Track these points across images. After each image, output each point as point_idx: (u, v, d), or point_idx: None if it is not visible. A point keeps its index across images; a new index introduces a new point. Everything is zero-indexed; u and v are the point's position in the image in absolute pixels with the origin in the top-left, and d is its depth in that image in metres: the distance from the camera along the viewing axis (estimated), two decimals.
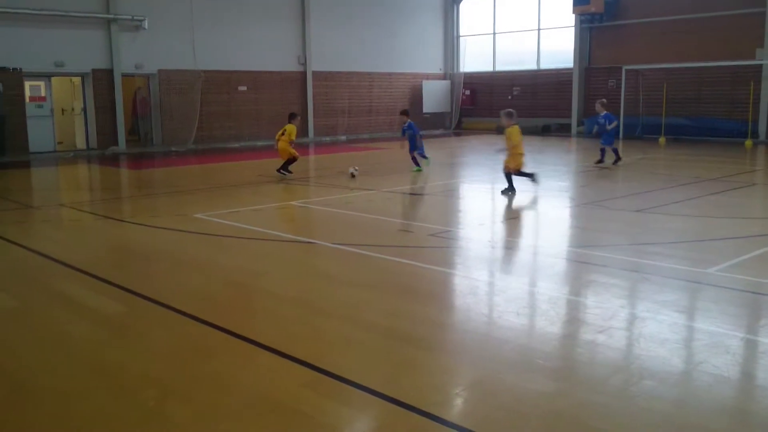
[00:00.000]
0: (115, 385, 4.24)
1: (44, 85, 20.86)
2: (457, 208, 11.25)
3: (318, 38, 26.02)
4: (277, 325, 5.31)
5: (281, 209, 10.71)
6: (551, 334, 5.05)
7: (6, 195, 12.87)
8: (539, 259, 7.53)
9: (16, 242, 8.40)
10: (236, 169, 16.96)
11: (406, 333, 5.04)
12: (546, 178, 14.32)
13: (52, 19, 19.82)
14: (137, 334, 5.26)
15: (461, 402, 4.01)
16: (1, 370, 4.49)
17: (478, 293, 6.26)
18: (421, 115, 29.76)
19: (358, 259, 7.38)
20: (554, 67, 27.86)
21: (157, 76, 22.35)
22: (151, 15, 21.53)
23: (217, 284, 6.59)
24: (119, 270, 7.28)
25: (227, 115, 24.17)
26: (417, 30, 29.49)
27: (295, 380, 4.24)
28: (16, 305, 5.95)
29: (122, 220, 9.83)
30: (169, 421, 3.74)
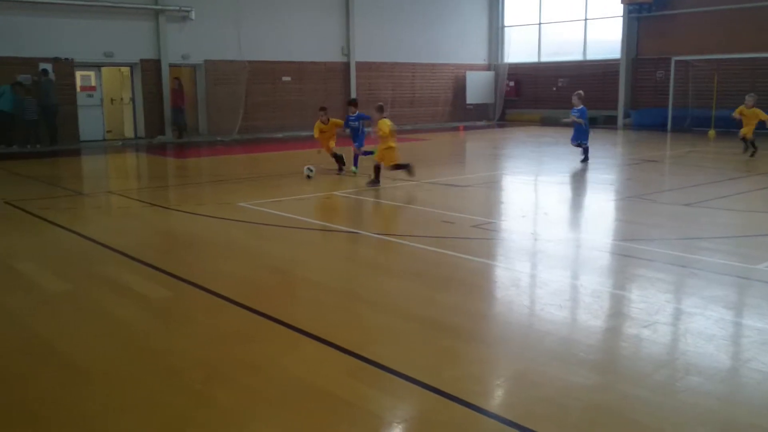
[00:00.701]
0: (163, 368, 4.34)
1: (94, 75, 21.35)
2: (499, 200, 11.18)
3: (362, 28, 26.04)
4: (319, 313, 5.36)
5: (324, 199, 10.79)
6: (594, 327, 5.00)
7: (58, 182, 13.24)
8: (583, 252, 7.44)
9: (68, 228, 8.64)
10: (280, 159, 17.12)
11: (447, 323, 5.05)
12: (591, 170, 14.13)
13: (102, 11, 20.24)
14: (183, 318, 5.37)
15: (503, 393, 4.00)
16: (55, 352, 4.64)
17: (520, 285, 6.23)
18: (464, 106, 29.62)
19: (400, 249, 7.40)
20: (600, 57, 27.39)
21: (203, 67, 22.67)
22: (198, 6, 21.82)
23: (260, 272, 6.69)
24: (166, 256, 7.43)
25: (271, 106, 24.39)
26: (461, 20, 29.29)
27: (337, 368, 4.29)
28: (68, 289, 6.13)
29: (169, 207, 10.02)
30: (216, 405, 3.82)
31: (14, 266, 6.84)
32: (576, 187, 12.47)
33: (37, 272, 6.64)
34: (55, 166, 16.09)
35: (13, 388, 4.06)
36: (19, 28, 19.00)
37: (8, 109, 18.58)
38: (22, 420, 3.68)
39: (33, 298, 5.85)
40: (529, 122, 28.52)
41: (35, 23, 19.25)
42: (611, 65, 26.69)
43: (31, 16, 19.14)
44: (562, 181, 12.78)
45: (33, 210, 9.76)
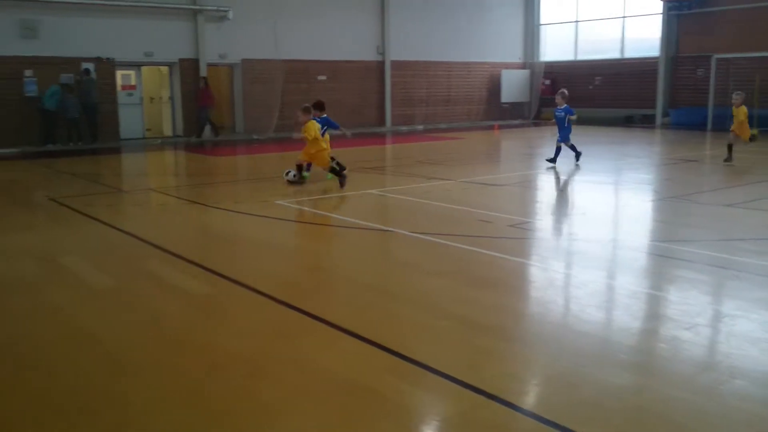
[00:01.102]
0: (205, 362, 4.43)
1: (134, 74, 21.74)
2: (535, 199, 11.12)
3: (397, 28, 26.08)
4: (357, 311, 5.41)
5: (360, 197, 10.84)
6: (634, 328, 4.96)
7: (99, 179, 13.51)
8: (621, 253, 7.37)
9: (110, 224, 8.83)
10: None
11: (485, 322, 5.05)
12: (629, 170, 13.98)
13: (142, 11, 20.60)
14: (223, 314, 5.46)
15: (543, 393, 4.00)
16: (101, 346, 4.75)
17: (557, 285, 6.19)
18: (499, 104, 29.47)
19: (436, 248, 7.42)
20: (639, 55, 27.01)
21: (240, 66, 22.92)
22: (236, 6, 22.07)
23: (298, 269, 6.76)
24: (205, 252, 7.55)
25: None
26: (497, 19, 29.14)
27: (375, 364, 4.33)
28: (112, 283, 6.27)
29: (207, 204, 10.17)
30: (258, 400, 3.88)
31: (60, 261, 7.01)
32: (614, 186, 12.33)
33: (82, 267, 6.80)
34: (96, 164, 16.43)
35: (61, 380, 4.18)
36: (63, 29, 19.43)
37: (53, 108, 19.01)
38: (71, 410, 3.79)
39: (78, 293, 6.00)
40: None
41: (78, 24, 19.66)
42: (649, 63, 26.31)
43: (74, 17, 19.56)
44: (599, 180, 12.65)
45: (76, 206, 9.98)
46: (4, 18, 18.61)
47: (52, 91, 18.89)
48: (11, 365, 4.44)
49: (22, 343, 4.83)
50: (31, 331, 5.08)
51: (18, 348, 4.75)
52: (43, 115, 18.99)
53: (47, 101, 18.85)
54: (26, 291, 6.07)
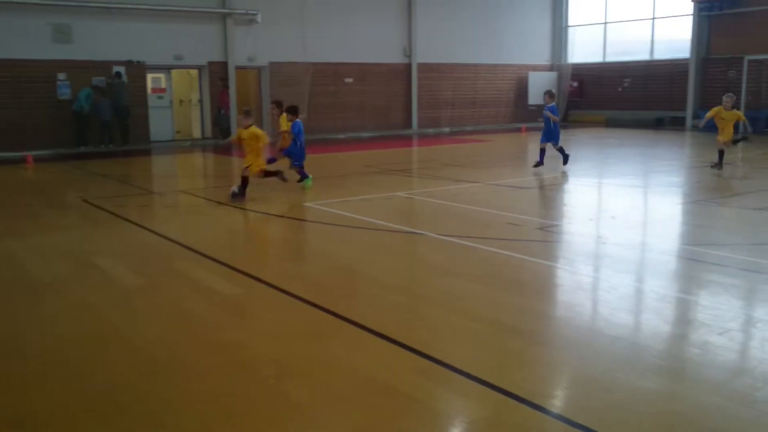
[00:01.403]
0: (235, 362, 4.47)
1: (164, 77, 22.01)
2: (564, 202, 11.04)
3: (423, 30, 26.07)
4: (386, 313, 5.42)
5: (388, 200, 10.86)
6: (665, 333, 4.91)
7: (130, 181, 13.71)
8: (651, 257, 7.29)
9: (142, 225, 8.95)
10: (343, 159, 17.30)
11: (514, 325, 5.03)
12: (659, 173, 13.82)
13: (172, 15, 20.84)
14: (253, 314, 5.51)
15: (574, 397, 3.97)
16: (133, 345, 4.82)
17: (587, 289, 6.15)
18: (526, 107, 29.31)
19: (465, 250, 7.40)
20: (669, 57, 26.69)
21: (268, 69, 23.09)
22: (264, 9, 22.23)
23: (327, 270, 6.79)
24: (235, 253, 7.62)
25: (334, 107, 24.65)
26: (524, 20, 29.00)
27: (404, 366, 4.33)
28: (143, 284, 6.36)
29: (236, 206, 10.26)
30: (288, 400, 3.92)
31: (93, 261, 7.13)
32: (643, 189, 12.20)
33: (115, 267, 6.90)
34: (127, 166, 16.67)
35: (95, 377, 4.25)
36: (95, 33, 19.73)
37: (86, 111, 19.31)
38: (105, 407, 3.85)
39: (110, 292, 6.09)
40: (593, 123, 28.00)
41: (110, 28, 19.95)
42: (680, 65, 25.98)
43: (105, 21, 19.86)
44: (628, 183, 12.53)
45: (109, 207, 10.14)
46: (39, 22, 18.95)
47: (86, 93, 19.19)
48: (44, 362, 4.52)
49: (56, 341, 4.92)
50: (64, 329, 5.18)
51: (51, 346, 4.84)
52: (76, 117, 19.30)
53: (83, 103, 19.15)
54: (60, 290, 6.18)
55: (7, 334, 5.11)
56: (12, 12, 18.53)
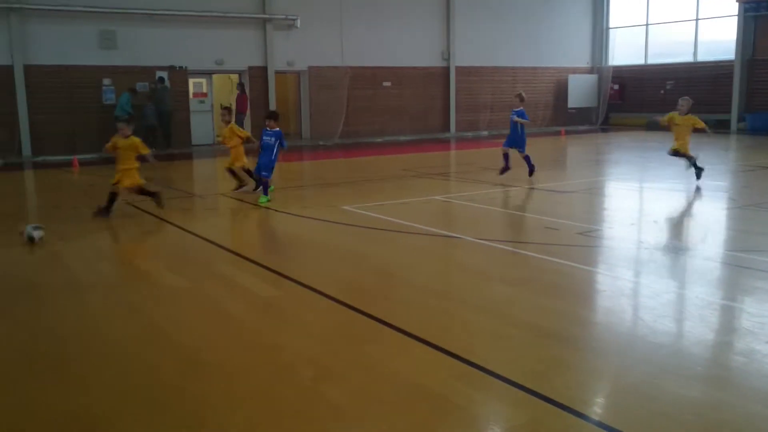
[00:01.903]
0: (275, 363, 4.51)
1: (206, 82, 22.37)
2: (604, 207, 10.89)
3: (462, 33, 26.00)
4: (425, 317, 5.40)
5: (425, 203, 10.85)
6: (711, 341, 4.80)
7: (172, 184, 13.93)
8: (696, 263, 7.14)
9: (183, 227, 9.09)
10: (381, 163, 17.33)
11: (555, 331, 4.98)
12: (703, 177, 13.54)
13: (213, 20, 21.16)
14: (292, 316, 5.55)
15: (615, 404, 3.91)
16: (175, 345, 4.90)
17: (630, 295, 6.05)
18: (566, 110, 29.01)
19: (503, 255, 7.35)
20: (713, 59, 26.15)
21: (307, 73, 23.27)
22: (303, 14, 22.43)
23: (365, 273, 6.81)
24: (274, 256, 7.69)
25: (372, 111, 24.73)
26: (564, 23, 28.72)
27: (444, 371, 4.32)
28: (185, 285, 6.46)
29: (275, 209, 10.36)
30: (326, 402, 3.93)
31: (136, 263, 7.27)
32: (686, 194, 11.96)
33: (157, 269, 7.03)
34: (169, 169, 16.94)
35: (141, 377, 4.33)
36: (139, 39, 20.15)
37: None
38: (147, 406, 3.92)
39: (154, 294, 6.20)
40: (634, 126, 27.56)
41: (153, 34, 20.35)
42: (724, 67, 25.43)
43: (149, 28, 20.26)
44: (670, 187, 12.29)
45: (151, 210, 10.31)
46: (87, 29, 19.43)
47: (126, 98, 19.51)
48: (91, 361, 4.62)
49: (102, 340, 5.02)
50: (109, 328, 5.28)
51: (97, 344, 4.94)
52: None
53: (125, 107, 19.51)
54: (104, 290, 6.31)
55: (57, 334, 5.23)
56: (62, 19, 19.06)
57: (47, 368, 4.53)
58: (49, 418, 3.80)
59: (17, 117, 18.68)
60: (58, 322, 5.47)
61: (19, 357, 4.76)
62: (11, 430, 3.69)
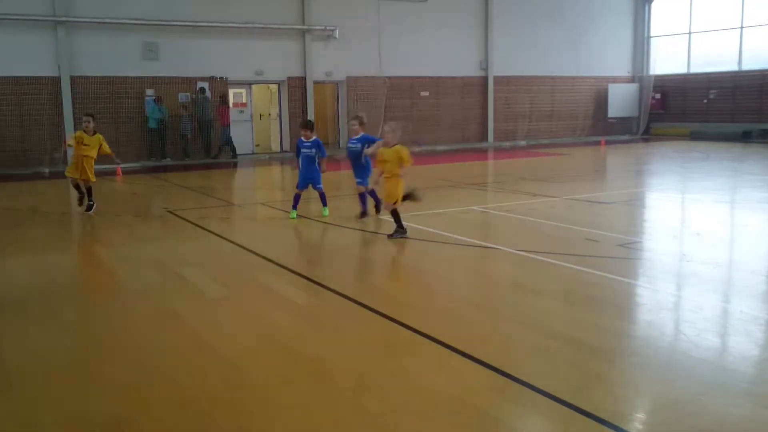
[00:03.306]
0: (315, 373, 4.55)
1: (245, 92, 22.68)
2: (644, 218, 10.74)
3: (500, 43, 25.93)
4: (463, 328, 5.40)
5: (463, 214, 10.83)
6: (757, 356, 4.71)
7: (212, 193, 14.16)
8: (740, 276, 7.00)
9: (223, 236, 9.23)
10: (418, 173, 17.32)
11: (594, 344, 4.93)
12: (748, 188, 13.26)
13: (254, 32, 21.46)
14: (332, 326, 5.59)
15: (656, 420, 3.86)
16: (217, 353, 4.98)
17: (671, 309, 5.96)
18: (606, 119, 28.68)
19: (542, 266, 7.30)
20: (758, 68, 25.60)
21: (345, 83, 23.45)
22: (342, 25, 22.62)
23: (403, 284, 6.83)
24: (312, 265, 7.76)
25: (409, 120, 24.77)
26: (604, 32, 28.43)
27: (482, 383, 4.31)
28: (227, 294, 6.56)
29: (314, 219, 10.45)
30: (365, 413, 3.96)
31: (179, 272, 7.40)
32: (730, 205, 11.73)
33: (199, 277, 7.14)
34: (209, 178, 17.22)
35: (182, 384, 4.41)
36: (181, 50, 20.55)
37: (158, 124, 20.03)
38: (191, 414, 3.99)
39: (196, 302, 6.31)
40: (676, 136, 27.13)
41: (194, 45, 20.73)
42: None
43: (190, 39, 20.65)
44: (714, 199, 12.06)
45: (192, 219, 10.50)
46: (131, 41, 19.89)
47: (151, 107, 19.91)
48: (135, 368, 4.72)
49: (145, 348, 5.13)
50: (153, 336, 5.40)
51: (141, 352, 5.05)
52: (150, 132, 20.11)
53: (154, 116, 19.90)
54: (148, 298, 6.45)
55: (101, 340, 5.37)
56: (107, 31, 19.55)
57: (92, 374, 4.64)
58: (90, 423, 3.89)
59: (63, 128, 19.17)
60: (103, 329, 5.60)
61: (62, 360, 4.88)
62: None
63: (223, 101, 21.17)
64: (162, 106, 20.00)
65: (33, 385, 4.42)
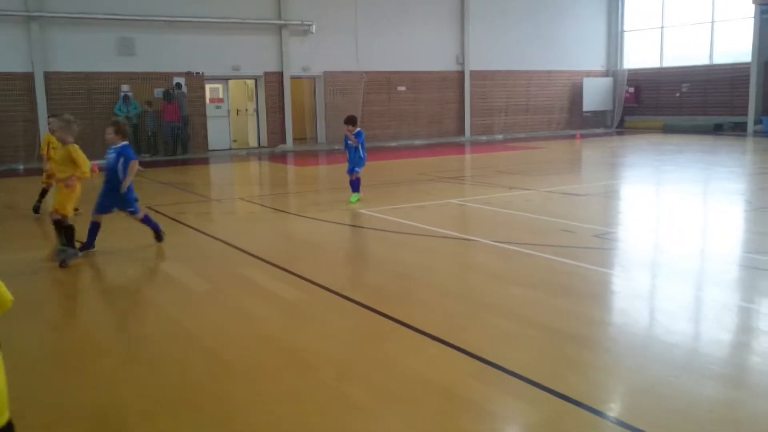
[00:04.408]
0: (299, 363, 4.63)
1: (222, 87, 22.62)
2: (619, 209, 10.95)
3: (476, 38, 26.10)
4: (442, 317, 5.52)
5: (442, 207, 10.95)
6: (725, 341, 4.87)
7: (191, 189, 14.14)
8: (711, 265, 7.20)
9: (203, 231, 9.26)
10: (396, 167, 17.44)
11: (570, 331, 5.07)
12: (719, 179, 13.55)
13: (230, 27, 21.40)
14: (313, 318, 5.67)
15: (631, 402, 4.00)
16: (202, 345, 5.04)
17: (645, 296, 6.13)
18: (581, 113, 29.01)
19: (519, 257, 7.45)
20: (729, 61, 26.05)
21: (322, 78, 23.46)
22: (319, 20, 22.64)
23: (384, 276, 6.93)
24: (293, 258, 7.82)
25: (386, 115, 24.89)
26: (578, 26, 28.73)
27: (462, 369, 4.43)
28: (209, 288, 6.60)
29: (293, 213, 10.50)
30: (349, 400, 4.05)
31: (160, 267, 7.43)
32: (702, 197, 11.99)
33: (181, 272, 7.18)
34: (187, 174, 17.17)
35: (168, 376, 4.47)
36: (157, 46, 20.44)
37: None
38: (178, 405, 4.06)
39: (180, 296, 6.36)
40: (649, 129, 27.53)
41: (170, 40, 20.62)
42: (741, 69, 25.34)
43: (166, 34, 20.54)
44: (686, 190, 12.32)
45: (171, 214, 10.50)
46: (106, 36, 19.74)
47: (117, 106, 19.75)
48: (121, 361, 4.77)
49: (130, 341, 5.18)
50: (137, 330, 5.44)
51: (127, 346, 5.10)
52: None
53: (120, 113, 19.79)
54: (131, 292, 6.49)
55: (84, 333, 5.40)
56: (82, 27, 19.38)
57: (78, 367, 4.69)
58: (81, 415, 3.95)
59: (37, 124, 18.99)
60: (88, 323, 5.64)
61: (49, 355, 4.92)
62: (44, 425, 3.84)
63: (168, 97, 20.27)
64: (132, 104, 19.84)
65: (16, 379, 4.45)
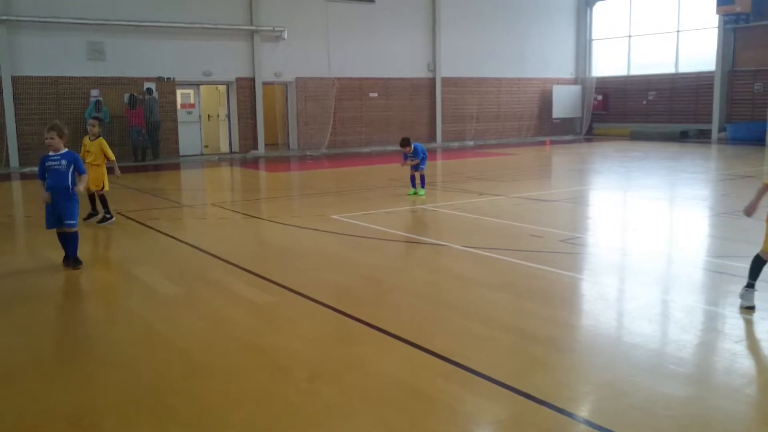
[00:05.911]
0: (271, 365, 4.70)
1: (193, 93, 22.54)
2: (587, 215, 11.17)
3: (448, 45, 26.36)
4: (411, 320, 5.63)
5: (412, 213, 11.08)
6: (685, 341, 5.04)
7: (162, 194, 14.08)
8: (674, 268, 7.42)
9: (175, 236, 9.26)
10: (368, 173, 17.56)
11: (536, 333, 5.20)
12: (683, 185, 13.87)
13: (201, 32, 21.36)
14: (285, 321, 5.74)
15: (593, 400, 4.14)
16: (176, 348, 5.08)
17: (609, 299, 6.30)
18: (550, 120, 29.43)
19: (488, 261, 7.59)
20: (694, 70, 26.66)
21: (294, 84, 23.51)
22: (290, 26, 22.70)
23: (354, 280, 7.01)
24: (265, 263, 7.88)
25: (358, 121, 25.00)
26: (548, 34, 29.18)
27: (430, 370, 4.53)
28: (180, 292, 6.64)
29: (265, 218, 10.54)
30: (320, 400, 4.13)
31: (132, 271, 7.43)
32: (668, 202, 12.28)
33: (152, 277, 7.19)
34: (158, 180, 17.09)
35: (143, 378, 4.51)
36: (127, 50, 20.33)
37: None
38: (153, 406, 4.10)
39: (152, 300, 6.38)
40: (617, 136, 28.03)
41: (141, 45, 20.53)
42: (705, 78, 25.96)
43: (137, 39, 20.44)
44: (652, 196, 12.61)
45: (143, 220, 10.48)
46: (75, 41, 19.58)
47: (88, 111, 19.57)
48: (95, 363, 4.80)
49: (104, 344, 5.20)
50: (110, 333, 5.46)
51: (100, 348, 5.12)
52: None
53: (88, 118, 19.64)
54: (103, 297, 6.49)
55: (58, 336, 5.40)
56: (51, 31, 19.21)
57: (52, 369, 4.70)
58: (55, 416, 3.97)
59: (4, 128, 18.76)
60: (58, 325, 5.64)
61: (23, 358, 4.92)
62: (19, 427, 3.86)
63: (132, 102, 19.99)
64: (104, 110, 19.69)
65: None
